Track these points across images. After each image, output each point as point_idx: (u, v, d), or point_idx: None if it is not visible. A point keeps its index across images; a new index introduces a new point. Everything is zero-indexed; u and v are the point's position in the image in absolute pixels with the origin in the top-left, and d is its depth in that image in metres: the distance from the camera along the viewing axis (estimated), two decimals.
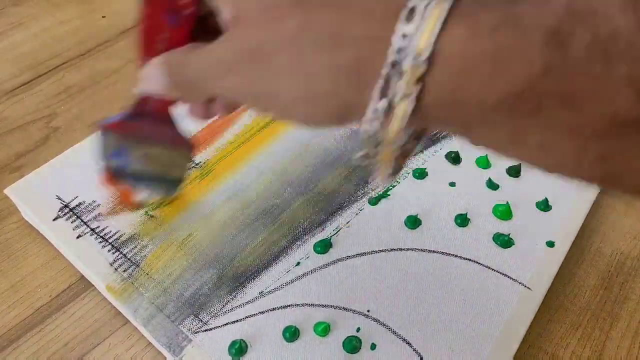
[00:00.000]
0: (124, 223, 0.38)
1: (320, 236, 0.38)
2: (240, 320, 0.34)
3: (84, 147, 0.43)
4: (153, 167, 0.33)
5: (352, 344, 0.33)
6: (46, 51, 0.55)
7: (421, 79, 0.18)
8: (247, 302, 0.35)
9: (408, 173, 0.43)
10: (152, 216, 0.39)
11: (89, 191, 0.40)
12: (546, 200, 0.41)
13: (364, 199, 0.41)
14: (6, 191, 0.40)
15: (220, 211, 0.40)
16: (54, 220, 0.38)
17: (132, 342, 0.35)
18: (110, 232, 0.38)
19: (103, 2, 0.61)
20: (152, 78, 0.25)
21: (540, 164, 0.19)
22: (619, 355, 0.35)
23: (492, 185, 0.42)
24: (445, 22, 0.17)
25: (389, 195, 0.41)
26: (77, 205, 0.39)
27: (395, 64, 0.18)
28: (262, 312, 0.34)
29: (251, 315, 0.34)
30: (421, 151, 0.44)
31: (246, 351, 0.32)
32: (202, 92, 0.24)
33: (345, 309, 0.35)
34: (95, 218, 0.38)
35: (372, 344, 0.33)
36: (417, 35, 0.17)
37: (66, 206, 0.39)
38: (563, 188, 0.41)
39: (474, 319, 0.35)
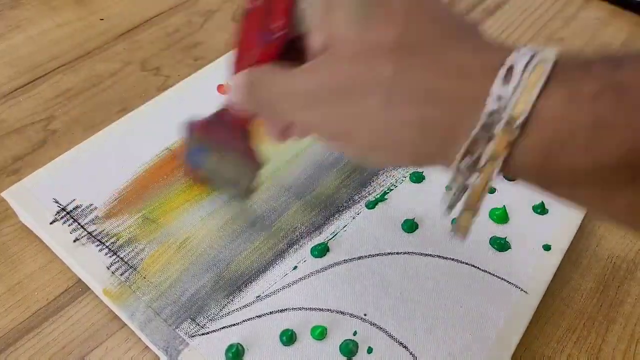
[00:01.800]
0: (121, 226, 0.38)
1: (317, 240, 0.39)
2: (237, 324, 0.34)
3: (81, 150, 0.43)
4: (225, 171, 0.35)
5: (349, 348, 0.33)
6: (44, 54, 0.55)
7: (512, 143, 0.17)
8: (244, 306, 0.35)
9: (405, 177, 0.43)
10: (149, 219, 0.39)
11: (86, 194, 0.40)
12: (542, 203, 0.41)
13: (361, 203, 0.41)
14: (3, 194, 0.40)
15: (218, 215, 0.40)
16: (51, 223, 0.38)
17: (130, 345, 0.35)
18: (107, 235, 0.38)
19: (101, 4, 0.61)
20: (236, 90, 0.26)
21: (627, 223, 0.18)
22: (615, 359, 0.36)
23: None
24: (544, 86, 0.16)
25: (386, 199, 0.41)
26: (74, 209, 0.39)
27: (485, 127, 0.17)
28: (259, 316, 0.34)
29: (248, 319, 0.34)
30: None
31: (243, 355, 0.32)
32: (278, 116, 0.25)
33: (342, 312, 0.35)
34: (92, 221, 0.38)
35: (369, 347, 0.33)
36: (513, 99, 0.16)
37: (63, 209, 0.39)
38: None
39: (471, 322, 0.35)
